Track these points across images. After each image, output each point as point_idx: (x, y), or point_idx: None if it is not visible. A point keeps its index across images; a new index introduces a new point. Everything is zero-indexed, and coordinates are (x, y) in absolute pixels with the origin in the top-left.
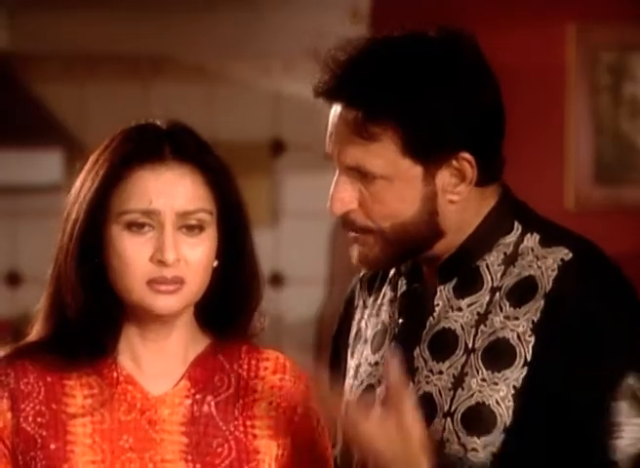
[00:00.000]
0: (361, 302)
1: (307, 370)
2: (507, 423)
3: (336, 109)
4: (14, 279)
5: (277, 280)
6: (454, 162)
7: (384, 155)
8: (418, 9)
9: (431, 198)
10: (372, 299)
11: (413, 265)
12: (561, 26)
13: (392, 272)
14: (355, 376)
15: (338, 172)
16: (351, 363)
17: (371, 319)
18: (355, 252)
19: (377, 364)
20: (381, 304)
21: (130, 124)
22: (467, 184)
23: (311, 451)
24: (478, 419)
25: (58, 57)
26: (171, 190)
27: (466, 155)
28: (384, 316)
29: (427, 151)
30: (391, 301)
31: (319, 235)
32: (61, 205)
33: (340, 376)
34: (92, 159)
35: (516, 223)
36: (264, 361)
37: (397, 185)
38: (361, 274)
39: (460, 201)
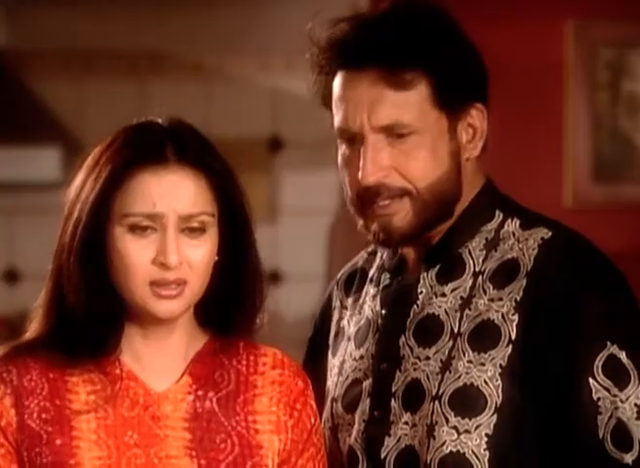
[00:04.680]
0: (338, 303)
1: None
2: (498, 403)
3: (353, 79)
4: (12, 276)
5: (275, 277)
6: (469, 116)
7: (418, 105)
8: None
9: (457, 154)
10: (351, 300)
11: (397, 260)
12: (559, 23)
13: (373, 270)
14: (340, 373)
15: (364, 141)
16: (334, 361)
17: (353, 318)
18: (377, 225)
19: (362, 358)
20: (364, 302)
21: (131, 122)
22: (479, 139)
23: (309, 447)
24: (467, 400)
25: (55, 53)
26: (174, 193)
27: (480, 106)
28: (368, 311)
29: (453, 99)
30: (374, 296)
31: (317, 232)
32: (60, 202)
33: (316, 378)
34: (93, 157)
35: (497, 212)
36: (263, 356)
37: (428, 139)
38: (338, 276)
39: (472, 160)
